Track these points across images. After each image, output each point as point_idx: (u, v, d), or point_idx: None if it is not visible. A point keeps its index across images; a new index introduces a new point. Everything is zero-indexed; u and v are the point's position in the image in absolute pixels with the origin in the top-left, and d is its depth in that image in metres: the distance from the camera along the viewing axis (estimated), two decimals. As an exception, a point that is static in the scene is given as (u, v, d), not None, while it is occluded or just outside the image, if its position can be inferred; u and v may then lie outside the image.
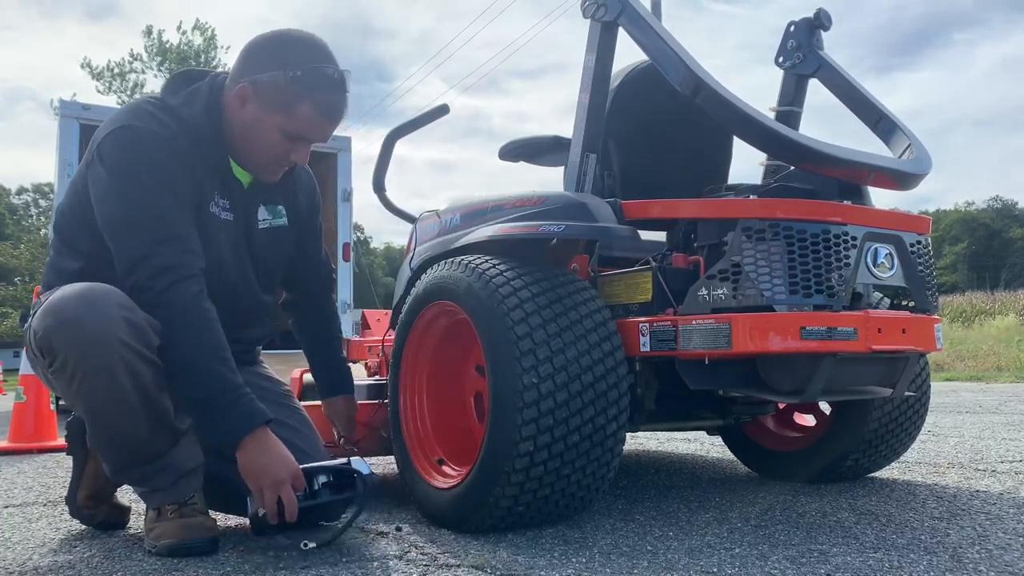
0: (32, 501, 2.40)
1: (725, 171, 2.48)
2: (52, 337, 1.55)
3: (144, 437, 1.62)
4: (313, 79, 1.68)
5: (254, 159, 1.79)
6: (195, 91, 1.76)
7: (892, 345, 1.73)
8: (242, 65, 1.73)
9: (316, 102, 1.70)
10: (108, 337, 1.52)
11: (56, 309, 1.56)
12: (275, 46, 1.72)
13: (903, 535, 1.70)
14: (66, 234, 1.80)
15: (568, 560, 1.53)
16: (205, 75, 1.82)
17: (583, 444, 1.66)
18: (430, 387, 2.09)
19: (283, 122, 1.71)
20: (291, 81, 1.67)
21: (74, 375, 1.54)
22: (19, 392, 4.17)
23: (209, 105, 1.74)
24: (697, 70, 1.84)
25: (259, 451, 1.60)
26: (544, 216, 1.91)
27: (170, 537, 1.62)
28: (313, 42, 1.74)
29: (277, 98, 1.69)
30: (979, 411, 5.08)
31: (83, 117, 6.43)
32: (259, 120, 1.72)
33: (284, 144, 1.75)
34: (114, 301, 1.57)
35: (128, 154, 1.65)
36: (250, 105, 1.72)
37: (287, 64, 1.68)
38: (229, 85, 1.75)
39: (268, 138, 1.73)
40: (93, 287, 1.60)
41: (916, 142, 2.07)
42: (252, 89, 1.70)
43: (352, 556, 1.59)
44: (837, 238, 1.70)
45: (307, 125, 1.72)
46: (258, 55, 1.72)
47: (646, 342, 1.76)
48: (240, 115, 1.73)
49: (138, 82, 33.37)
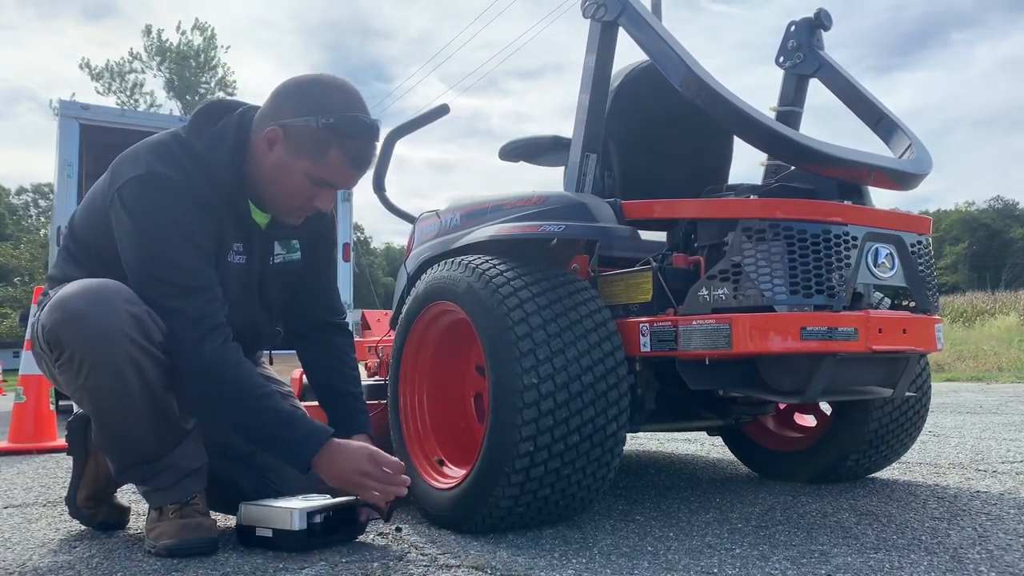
0: (32, 501, 2.40)
1: (725, 171, 2.48)
2: (60, 331, 1.56)
3: (148, 435, 1.63)
4: (345, 126, 1.66)
5: (278, 203, 1.76)
6: (222, 133, 1.72)
7: (893, 345, 1.73)
8: (273, 108, 1.71)
9: (346, 149, 1.68)
10: (115, 333, 1.54)
11: (64, 304, 1.57)
12: (308, 91, 1.69)
13: (904, 535, 1.70)
14: (73, 249, 1.80)
15: (568, 561, 1.53)
16: (233, 108, 1.79)
17: (583, 444, 1.66)
18: (430, 387, 2.09)
19: (311, 168, 1.69)
20: (323, 127, 1.65)
21: (80, 369, 1.56)
22: (19, 392, 4.16)
23: (235, 149, 1.72)
24: (697, 70, 1.84)
25: (332, 463, 1.65)
26: (544, 216, 1.91)
27: (169, 537, 1.62)
28: (346, 89, 1.72)
29: (307, 143, 1.67)
30: (980, 411, 5.08)
31: (83, 117, 6.43)
32: (286, 165, 1.69)
33: (310, 189, 1.72)
34: (121, 297, 1.58)
35: (152, 204, 1.63)
36: (278, 149, 1.69)
37: (320, 110, 1.65)
38: (258, 125, 1.72)
39: (294, 183, 1.71)
40: (100, 283, 1.61)
41: (916, 142, 2.07)
42: (282, 133, 1.68)
43: (352, 556, 1.59)
44: (838, 238, 1.70)
45: (335, 172, 1.70)
46: (290, 99, 1.70)
47: (646, 342, 1.76)
48: (267, 158, 1.70)
49: (137, 82, 33.39)
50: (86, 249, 1.78)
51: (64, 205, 6.30)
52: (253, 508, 1.69)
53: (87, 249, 1.78)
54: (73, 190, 6.27)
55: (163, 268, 1.62)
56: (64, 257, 1.82)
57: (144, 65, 33.42)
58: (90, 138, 6.54)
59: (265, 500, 1.71)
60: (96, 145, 6.74)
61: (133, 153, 1.71)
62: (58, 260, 1.84)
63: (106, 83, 33.01)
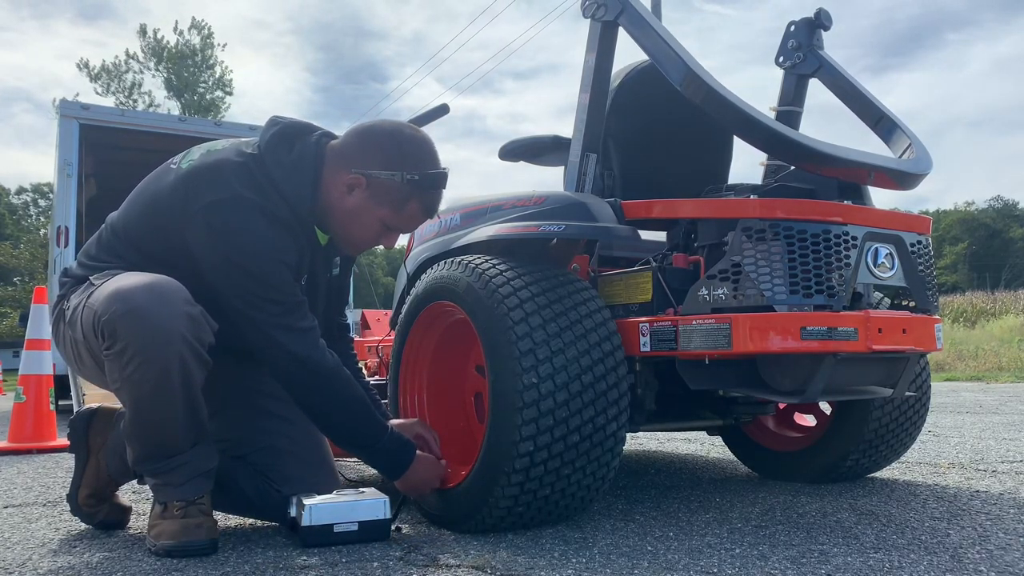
0: (32, 501, 2.40)
1: (725, 171, 2.48)
2: (118, 323, 1.56)
3: (176, 432, 1.64)
4: (426, 182, 1.75)
5: (345, 238, 1.83)
6: (301, 164, 1.75)
7: (892, 345, 1.73)
8: (358, 153, 1.75)
9: (423, 201, 1.77)
10: (172, 334, 1.56)
11: (126, 297, 1.58)
12: (396, 146, 1.75)
13: (903, 535, 1.70)
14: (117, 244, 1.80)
15: (568, 560, 1.53)
16: (307, 132, 1.81)
17: (583, 444, 1.66)
18: (430, 387, 2.10)
19: (388, 216, 1.77)
20: (407, 183, 1.73)
21: (129, 362, 1.57)
22: (19, 392, 4.16)
23: (314, 184, 1.75)
24: (698, 70, 1.84)
25: (415, 478, 1.79)
26: (544, 216, 1.91)
27: (169, 538, 1.63)
28: (428, 144, 1.79)
29: (390, 195, 1.74)
30: (980, 411, 5.08)
31: (83, 117, 6.43)
32: (364, 209, 1.76)
33: (381, 233, 1.81)
34: (181, 296, 1.61)
35: (244, 227, 1.65)
36: (359, 194, 1.75)
37: (406, 166, 1.73)
38: (336, 162, 1.76)
39: (368, 226, 1.78)
40: (162, 280, 1.63)
41: (916, 142, 2.07)
42: (366, 181, 1.73)
43: (352, 556, 1.59)
44: (837, 238, 1.70)
45: (410, 221, 1.81)
46: (378, 151, 1.74)
47: (646, 342, 1.76)
48: (345, 200, 1.75)
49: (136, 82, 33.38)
50: (137, 248, 1.77)
51: (64, 205, 6.30)
52: (325, 506, 1.68)
53: (139, 249, 1.77)
54: (73, 190, 6.28)
55: (268, 289, 1.66)
56: (105, 248, 1.81)
57: (142, 66, 33.42)
58: (90, 138, 6.55)
59: (321, 497, 1.72)
60: (96, 145, 6.74)
61: (213, 172, 1.70)
62: (95, 250, 1.83)
63: (104, 83, 33.00)
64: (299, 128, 1.81)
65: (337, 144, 1.80)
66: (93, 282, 1.71)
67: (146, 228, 1.77)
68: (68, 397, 6.62)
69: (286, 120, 1.82)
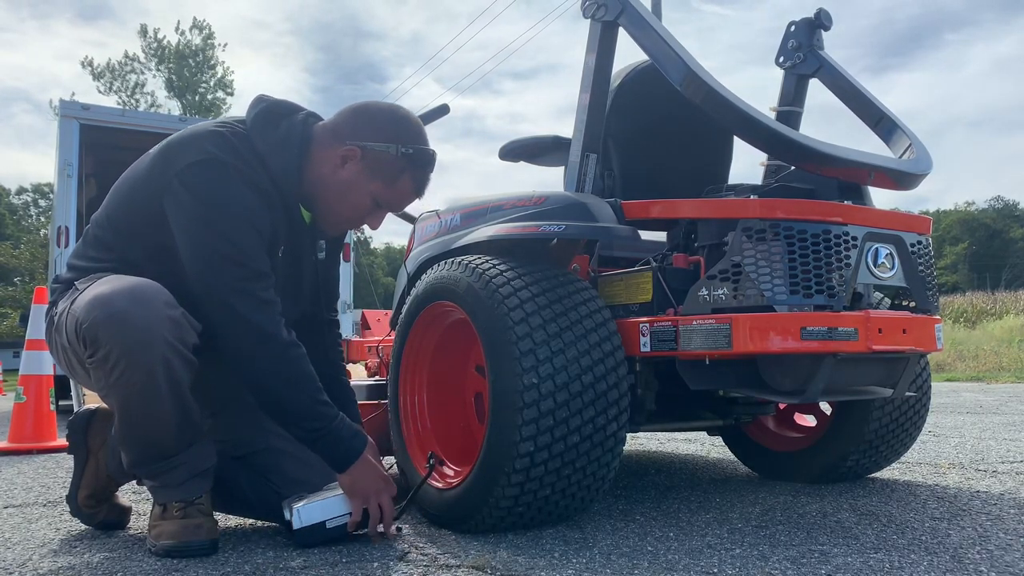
0: (32, 501, 2.40)
1: (725, 171, 2.48)
2: (99, 330, 1.56)
3: (168, 434, 1.63)
4: (419, 157, 1.78)
5: (333, 214, 1.82)
6: (288, 139, 1.74)
7: (893, 345, 1.73)
8: (350, 127, 1.76)
9: (415, 178, 1.79)
10: (154, 337, 1.55)
11: (105, 302, 1.57)
12: (392, 121, 1.78)
13: (904, 535, 1.70)
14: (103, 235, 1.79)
15: (568, 561, 1.53)
16: (292, 111, 1.81)
17: (583, 444, 1.66)
18: (430, 387, 2.09)
19: (381, 190, 1.78)
20: (402, 156, 1.75)
21: (114, 368, 1.56)
22: (19, 392, 4.16)
23: (300, 158, 1.75)
24: (698, 70, 1.84)
25: (362, 473, 1.69)
26: (544, 216, 1.91)
27: (169, 538, 1.63)
28: (417, 121, 1.83)
29: (384, 168, 1.75)
30: (980, 411, 5.08)
31: (83, 117, 6.43)
32: (356, 183, 1.76)
33: (369, 209, 1.81)
34: (161, 299, 1.59)
35: (221, 187, 1.64)
36: (352, 166, 1.75)
37: (402, 140, 1.75)
38: (324, 138, 1.76)
39: (359, 200, 1.78)
40: (142, 283, 1.62)
41: (916, 142, 2.07)
42: (360, 152, 1.74)
43: (352, 556, 1.59)
44: (838, 238, 1.70)
45: (400, 197, 1.81)
46: (373, 123, 1.76)
47: (646, 342, 1.76)
48: (338, 173, 1.75)
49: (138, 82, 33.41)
50: (121, 234, 1.76)
51: (64, 205, 6.30)
52: (314, 505, 1.68)
53: (122, 234, 1.76)
54: (73, 190, 6.28)
55: (236, 251, 1.63)
56: (91, 244, 1.81)
57: (143, 66, 33.44)
58: (90, 138, 6.54)
59: (309, 496, 1.72)
60: (96, 145, 6.74)
61: (186, 140, 1.70)
62: (81, 249, 1.83)
63: (107, 83, 33.03)
64: (285, 107, 1.82)
65: (328, 122, 1.80)
66: (78, 287, 1.71)
67: (127, 210, 1.75)
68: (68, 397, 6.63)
69: (272, 99, 1.82)
